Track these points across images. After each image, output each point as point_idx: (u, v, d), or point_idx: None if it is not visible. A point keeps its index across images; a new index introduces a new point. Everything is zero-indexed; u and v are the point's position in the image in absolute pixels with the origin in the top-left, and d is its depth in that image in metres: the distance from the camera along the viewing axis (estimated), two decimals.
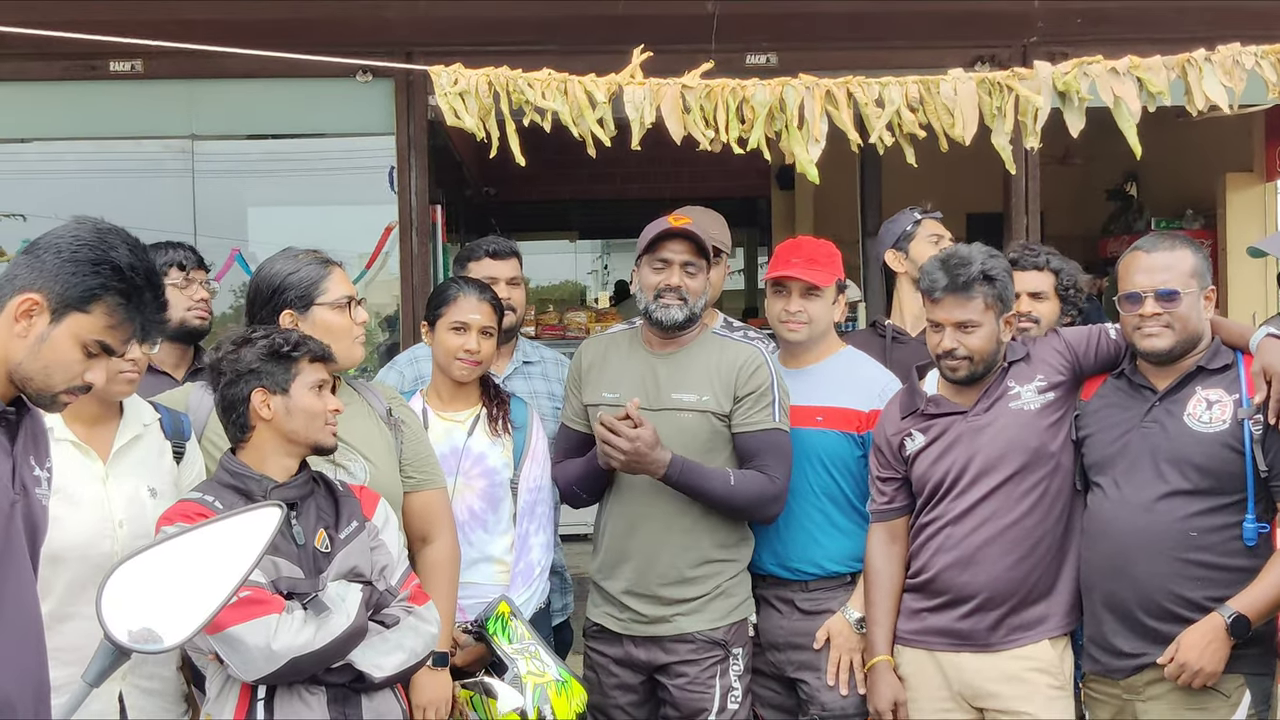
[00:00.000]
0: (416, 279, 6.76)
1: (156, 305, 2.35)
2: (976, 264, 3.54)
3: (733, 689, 3.72)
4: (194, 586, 1.61)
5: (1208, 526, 3.33)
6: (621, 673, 3.81)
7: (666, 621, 3.72)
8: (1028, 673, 3.53)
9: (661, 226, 3.75)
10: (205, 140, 6.97)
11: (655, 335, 3.82)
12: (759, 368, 3.74)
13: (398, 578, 3.17)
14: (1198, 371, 3.43)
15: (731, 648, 3.74)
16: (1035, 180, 6.74)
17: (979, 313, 3.54)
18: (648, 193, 10.69)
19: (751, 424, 3.70)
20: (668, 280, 3.71)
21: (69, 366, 2.30)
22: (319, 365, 3.13)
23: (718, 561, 3.74)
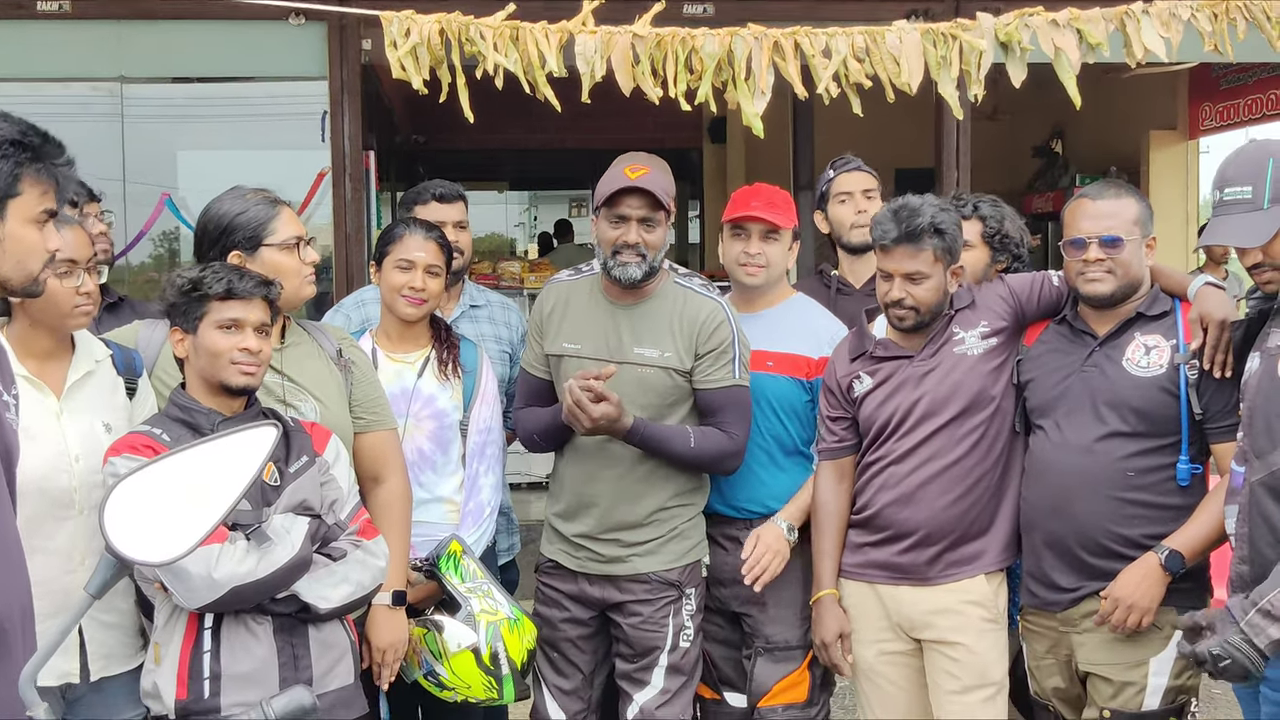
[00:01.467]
0: (349, 226, 6.73)
1: (59, 152, 2.39)
2: (927, 216, 3.59)
3: (685, 628, 3.78)
4: (192, 502, 1.65)
5: (1144, 467, 3.45)
6: (574, 608, 3.84)
7: (622, 562, 3.77)
8: (963, 605, 3.64)
9: (619, 182, 3.69)
10: (134, 83, 6.87)
11: (614, 286, 3.79)
12: (720, 324, 3.74)
13: (347, 512, 3.19)
14: (1137, 318, 3.53)
15: (685, 588, 3.79)
16: (966, 136, 6.82)
17: (928, 264, 3.60)
18: (580, 143, 10.70)
19: (713, 381, 3.73)
20: (625, 237, 3.67)
21: (34, 248, 2.37)
22: (234, 303, 3.07)
23: (674, 507, 3.79)
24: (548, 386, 3.85)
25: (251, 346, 3.07)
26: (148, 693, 3.05)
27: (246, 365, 3.07)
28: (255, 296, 3.10)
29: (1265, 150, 3.17)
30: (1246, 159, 3.19)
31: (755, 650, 3.89)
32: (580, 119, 8.54)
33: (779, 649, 3.87)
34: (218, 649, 2.98)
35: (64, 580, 2.89)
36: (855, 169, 4.44)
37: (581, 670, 3.87)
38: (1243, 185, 3.13)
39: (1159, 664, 3.44)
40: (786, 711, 3.87)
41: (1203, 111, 9.99)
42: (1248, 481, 3.12)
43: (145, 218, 7.01)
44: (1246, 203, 3.12)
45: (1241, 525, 3.14)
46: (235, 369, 3.07)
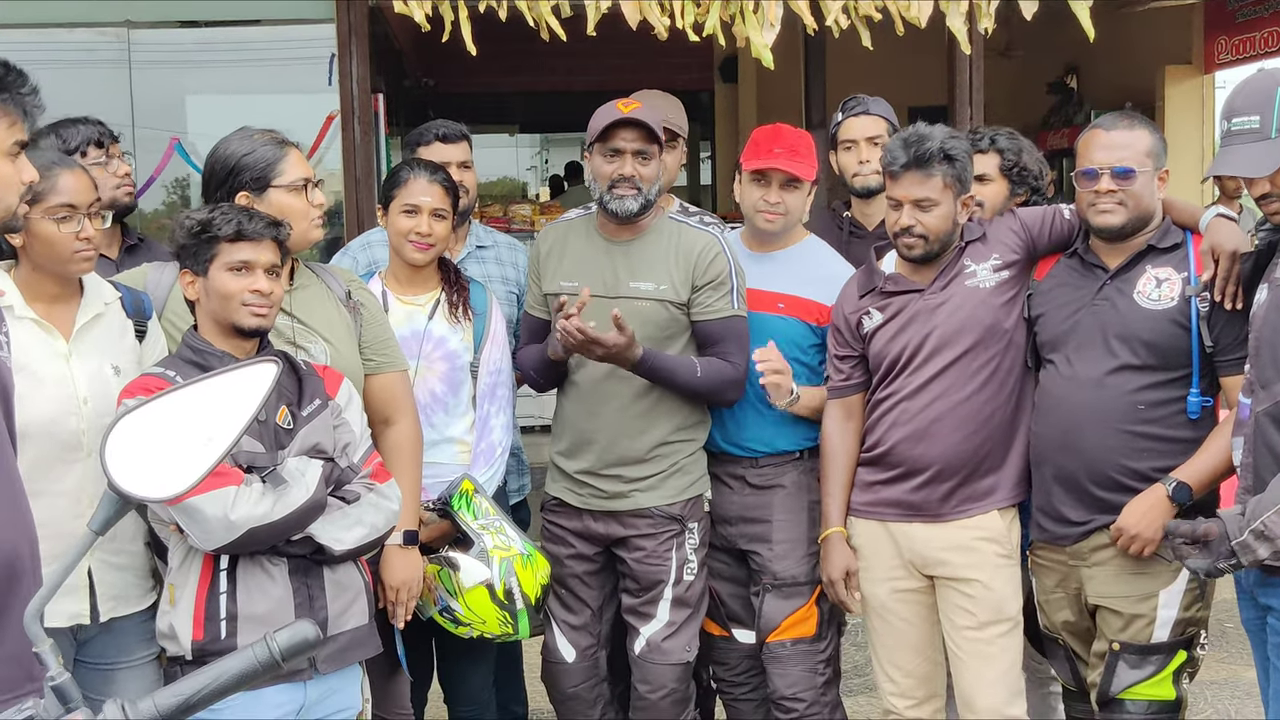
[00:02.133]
0: (359, 169, 6.69)
1: (22, 81, 2.38)
2: (936, 141, 3.57)
3: (689, 561, 3.82)
4: (193, 439, 1.64)
5: (1154, 400, 3.44)
6: (579, 544, 3.89)
7: (624, 497, 3.80)
8: (976, 541, 3.64)
9: (611, 115, 3.71)
10: (141, 28, 6.83)
11: (610, 222, 3.82)
12: (717, 255, 3.76)
13: (360, 455, 3.20)
14: (1148, 250, 3.50)
15: (687, 522, 3.82)
16: (979, 72, 6.74)
17: (937, 191, 3.58)
18: (590, 85, 10.58)
19: (711, 311, 3.74)
20: (620, 170, 3.70)
21: (8, 180, 2.34)
22: (244, 244, 3.06)
23: (675, 442, 3.82)
24: (548, 326, 3.86)
25: (262, 288, 3.06)
26: (163, 634, 3.08)
27: (258, 307, 3.07)
28: (265, 238, 3.09)
29: (1274, 79, 3.12)
30: (1255, 88, 3.14)
31: (763, 587, 3.91)
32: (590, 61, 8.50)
33: (786, 585, 3.89)
34: (234, 590, 2.99)
35: (72, 523, 2.90)
36: (862, 113, 4.36)
37: (589, 605, 3.93)
38: (1250, 115, 3.09)
39: (1168, 596, 3.45)
40: (795, 645, 3.90)
41: (1218, 45, 9.87)
42: (1253, 412, 3.11)
43: (154, 163, 6.99)
44: (1254, 132, 3.08)
45: (1247, 456, 3.14)
46: (246, 311, 3.06)
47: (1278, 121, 3.04)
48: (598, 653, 3.95)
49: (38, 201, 3.03)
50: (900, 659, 3.79)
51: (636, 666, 3.87)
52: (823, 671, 3.92)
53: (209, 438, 1.64)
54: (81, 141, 3.97)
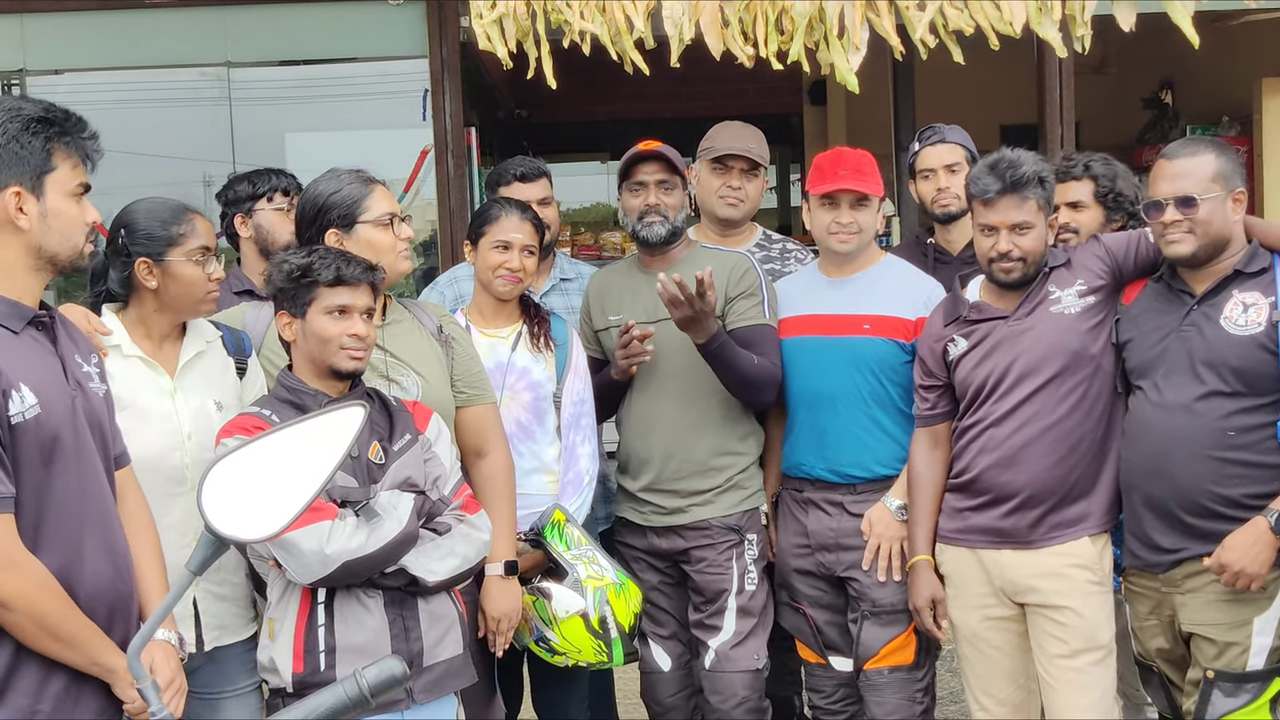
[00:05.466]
0: (453, 202, 6.81)
1: (81, 126, 2.55)
2: (1029, 165, 3.58)
3: (749, 571, 3.96)
4: (284, 482, 1.71)
5: (1245, 426, 3.39)
6: (652, 560, 4.05)
7: (683, 512, 3.96)
8: (1068, 568, 3.61)
9: (633, 154, 4.02)
10: (241, 67, 7.00)
11: (647, 255, 4.06)
12: (747, 270, 3.97)
13: (450, 488, 3.27)
14: (1235, 275, 3.46)
15: (745, 534, 3.97)
16: (1070, 90, 6.69)
17: (1033, 214, 3.59)
18: (680, 112, 10.67)
19: (746, 319, 3.93)
20: (646, 200, 4.00)
21: (74, 221, 2.55)
22: (342, 289, 3.15)
23: (728, 455, 3.97)
24: (599, 364, 4.09)
25: (360, 332, 3.16)
26: (264, 667, 3.16)
27: (355, 350, 3.16)
28: (363, 282, 3.18)
29: None
30: None
31: (861, 614, 3.92)
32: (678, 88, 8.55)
33: (886, 612, 3.90)
34: (331, 623, 3.06)
35: (178, 555, 2.99)
36: (939, 141, 4.40)
37: (674, 616, 4.08)
38: None
39: (1263, 624, 3.39)
40: (894, 673, 3.90)
41: None
42: None
43: None
44: None
45: None
46: (344, 354, 3.15)
47: None
48: (690, 661, 4.07)
49: (177, 245, 3.20)
50: (993, 687, 3.76)
51: (707, 680, 3.96)
52: (920, 700, 3.92)
53: (300, 480, 1.70)
54: (269, 189, 4.32)
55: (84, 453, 2.57)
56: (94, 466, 2.60)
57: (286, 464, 1.71)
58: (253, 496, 1.70)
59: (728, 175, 4.28)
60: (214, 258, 3.29)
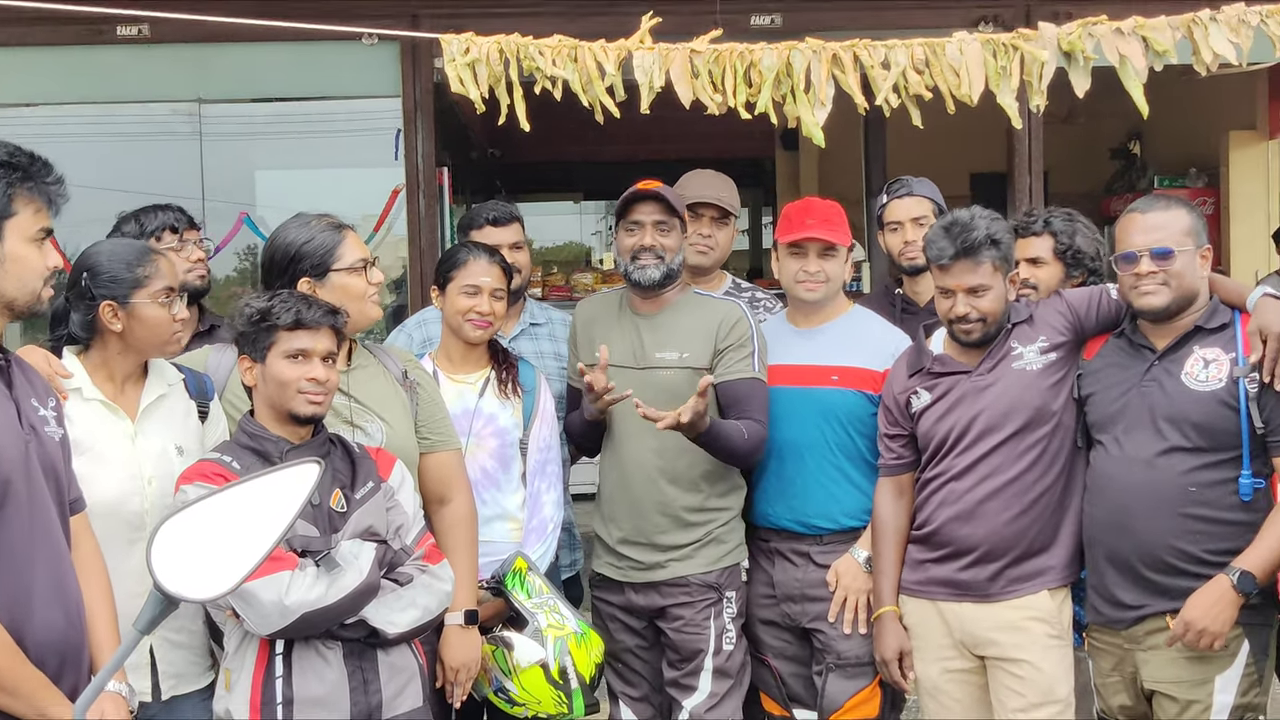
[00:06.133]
0: (424, 241, 6.80)
1: (46, 170, 2.52)
2: (981, 229, 3.60)
3: (727, 630, 3.86)
4: (236, 540, 1.69)
5: (1206, 482, 3.40)
6: (627, 619, 3.96)
7: (661, 567, 3.87)
8: (1026, 622, 3.61)
9: (631, 192, 3.93)
10: (212, 104, 6.98)
11: (638, 296, 3.97)
12: (739, 321, 3.89)
13: (413, 537, 3.24)
14: (1195, 331, 3.49)
15: (724, 591, 3.87)
16: (1039, 140, 6.76)
17: (988, 276, 3.60)
18: (653, 154, 10.71)
19: (734, 372, 3.84)
20: (641, 241, 3.89)
21: (34, 265, 2.52)
22: (301, 333, 3.13)
23: (709, 510, 3.88)
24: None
25: (319, 376, 3.13)
26: (220, 718, 3.12)
27: (314, 394, 3.13)
28: (323, 326, 3.16)
29: None
30: None
31: (827, 666, 3.90)
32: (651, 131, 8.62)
33: (851, 665, 3.87)
34: (289, 674, 3.03)
35: (136, 603, 2.91)
36: (906, 194, 4.42)
37: (647, 679, 3.98)
38: None
39: (1224, 681, 3.40)
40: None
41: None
42: None
43: (223, 235, 7.12)
44: None
45: None
46: (303, 398, 3.13)
47: None
48: None
49: (142, 286, 3.17)
50: None
51: None
52: None
53: (251, 539, 1.68)
54: (158, 227, 4.16)
55: (36, 498, 2.54)
56: (47, 513, 2.57)
57: (238, 522, 1.70)
58: (203, 554, 1.68)
59: (698, 223, 4.28)
60: (179, 298, 3.27)
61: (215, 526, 1.70)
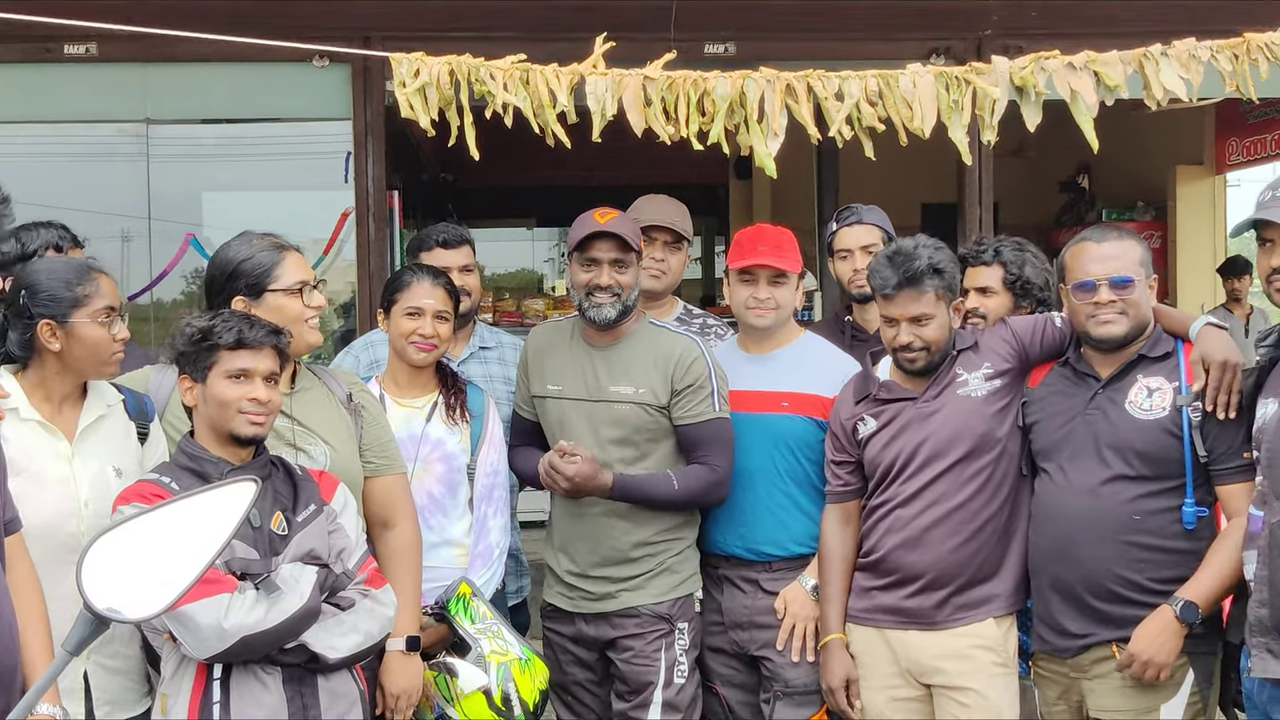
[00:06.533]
0: (373, 264, 6.76)
1: None
2: (924, 258, 3.61)
3: (679, 663, 3.82)
4: (170, 559, 1.65)
5: (1150, 510, 3.43)
6: (577, 650, 3.92)
7: (613, 598, 3.83)
8: (972, 650, 3.61)
9: (589, 227, 3.85)
10: (160, 124, 6.92)
11: (592, 330, 3.92)
12: (695, 359, 3.82)
13: (355, 561, 3.20)
14: (1139, 359, 3.52)
15: (676, 622, 3.84)
16: (989, 172, 6.81)
17: (931, 305, 3.61)
18: (607, 180, 10.72)
19: (693, 416, 3.80)
20: (597, 279, 3.82)
21: None
22: (243, 352, 3.09)
23: (661, 541, 3.85)
24: (536, 427, 3.98)
25: (260, 396, 3.08)
26: None
27: (255, 415, 3.08)
28: (265, 346, 3.12)
29: None
30: None
31: (774, 694, 3.88)
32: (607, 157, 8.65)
33: (799, 693, 3.85)
34: (227, 699, 2.97)
35: None
36: (856, 223, 4.43)
37: (596, 713, 3.94)
38: None
39: (1169, 710, 3.41)
40: None
41: (1229, 146, 9.94)
42: (1267, 524, 3.11)
43: (170, 256, 7.05)
44: None
45: (1262, 569, 3.13)
46: (244, 418, 3.08)
47: None
48: None
49: (81, 305, 3.12)
50: None
51: None
52: None
53: (185, 559, 1.64)
54: (40, 245, 4.04)
55: None
56: None
57: (172, 541, 1.66)
58: (135, 574, 1.64)
59: (651, 247, 4.26)
60: (119, 318, 3.21)
61: (149, 545, 1.65)
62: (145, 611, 1.64)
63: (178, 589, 1.64)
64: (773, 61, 3.87)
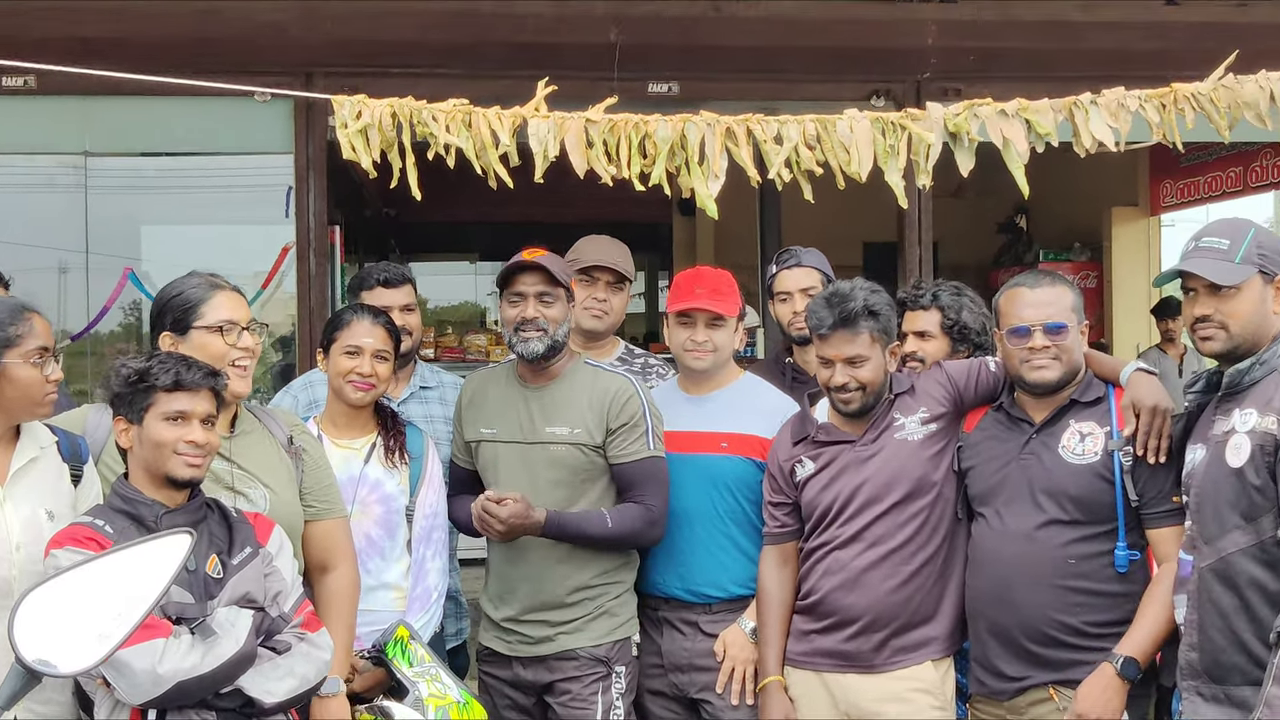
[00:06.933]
0: (314, 300, 6.71)
1: None
2: (859, 300, 3.65)
3: (615, 707, 3.82)
4: (104, 611, 1.63)
5: (1084, 554, 3.47)
6: (513, 694, 3.89)
7: (550, 641, 3.82)
8: (910, 693, 3.63)
9: (513, 262, 3.88)
10: (99, 157, 6.86)
11: (525, 368, 3.92)
12: (630, 398, 3.83)
13: (291, 604, 3.17)
14: (1071, 404, 3.57)
15: (614, 665, 3.83)
16: (928, 213, 6.88)
17: (866, 346, 3.64)
18: (550, 216, 10.73)
19: (628, 455, 3.81)
20: (524, 313, 3.83)
21: None
22: (180, 394, 3.05)
23: (600, 584, 3.85)
24: (473, 475, 3.97)
25: (197, 439, 3.05)
26: None
27: (191, 457, 3.05)
28: (202, 388, 3.09)
29: (1250, 221, 3.31)
30: (1230, 223, 3.32)
31: None
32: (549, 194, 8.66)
33: None
34: None
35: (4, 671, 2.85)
36: (795, 265, 4.46)
37: None
38: (1221, 238, 3.23)
39: None
40: None
41: (1164, 188, 10.11)
42: (1196, 568, 3.16)
43: (107, 290, 6.98)
44: (1220, 252, 3.21)
45: (1192, 613, 3.18)
46: (180, 460, 3.05)
47: (1244, 251, 3.18)
48: None
49: (14, 346, 3.06)
50: None
51: None
52: None
53: (120, 611, 1.62)
54: None
55: None
56: None
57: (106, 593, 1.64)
58: (68, 626, 1.61)
59: (593, 287, 4.28)
60: (52, 358, 3.16)
61: (82, 597, 1.64)
62: (79, 664, 1.62)
63: (113, 641, 1.62)
64: (715, 102, 3.92)
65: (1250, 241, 3.20)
